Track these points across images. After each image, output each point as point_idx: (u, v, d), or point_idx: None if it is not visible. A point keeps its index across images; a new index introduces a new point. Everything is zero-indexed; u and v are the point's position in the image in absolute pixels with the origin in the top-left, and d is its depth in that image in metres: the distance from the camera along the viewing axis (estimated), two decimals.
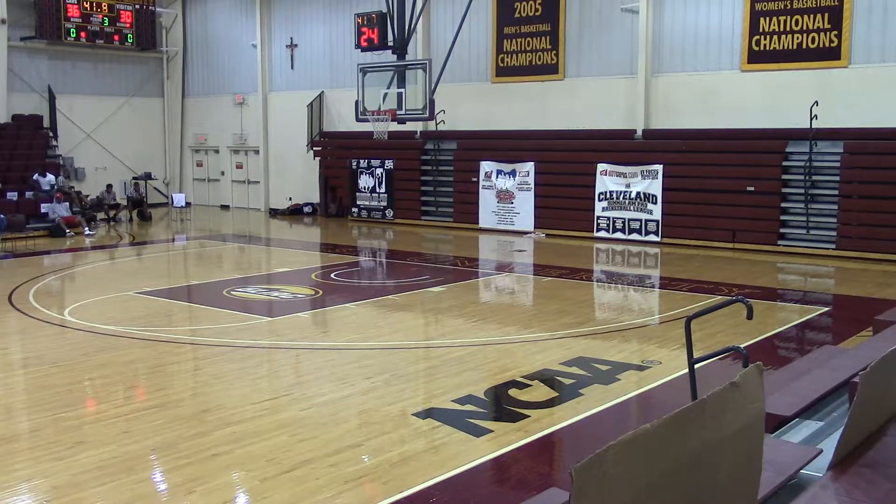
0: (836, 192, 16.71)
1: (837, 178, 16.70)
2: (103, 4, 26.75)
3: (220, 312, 11.73)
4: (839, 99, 16.66)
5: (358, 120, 19.76)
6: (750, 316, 5.93)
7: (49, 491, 5.64)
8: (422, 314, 11.93)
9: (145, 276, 15.57)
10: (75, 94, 26.95)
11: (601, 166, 19.51)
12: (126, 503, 5.45)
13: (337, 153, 25.04)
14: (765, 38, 17.72)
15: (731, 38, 18.22)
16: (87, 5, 26.33)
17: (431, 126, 21.96)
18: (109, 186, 25.16)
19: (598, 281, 15.21)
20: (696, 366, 5.90)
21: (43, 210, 21.29)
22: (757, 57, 17.86)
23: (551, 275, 14.90)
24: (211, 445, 6.42)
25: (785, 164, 17.39)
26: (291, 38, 26.47)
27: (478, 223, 21.64)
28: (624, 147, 19.54)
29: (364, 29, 19.56)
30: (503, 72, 21.67)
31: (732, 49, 18.23)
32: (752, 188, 17.56)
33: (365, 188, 23.91)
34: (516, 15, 21.26)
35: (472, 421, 7.02)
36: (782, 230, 17.45)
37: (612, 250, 18.57)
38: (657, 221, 18.83)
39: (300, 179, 26.59)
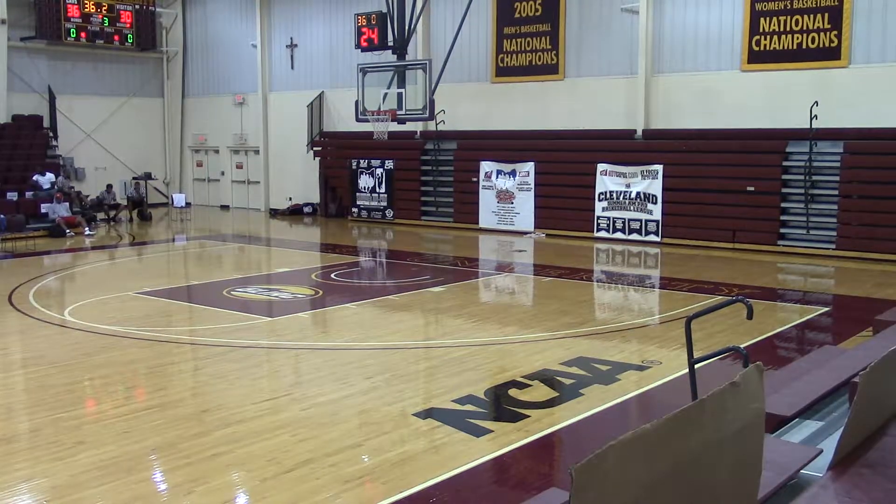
0: (836, 192, 16.71)
1: (837, 178, 16.70)
2: (103, 4, 26.75)
3: (220, 312, 11.72)
4: (839, 99, 16.66)
5: (358, 120, 19.76)
6: (750, 316, 5.93)
7: (49, 491, 5.64)
8: (422, 314, 11.93)
9: (145, 276, 15.57)
10: (75, 94, 26.95)
11: (601, 166, 19.51)
12: (126, 503, 5.45)
13: (337, 153, 25.03)
14: (765, 38, 17.72)
15: (731, 38, 18.22)
16: (87, 5, 26.33)
17: (431, 126, 21.96)
18: (109, 186, 25.16)
19: (598, 281, 15.21)
20: (696, 366, 5.90)
21: (43, 210, 21.29)
22: (757, 57, 17.86)
23: (551, 275, 14.90)
24: (211, 445, 6.42)
25: (785, 164, 17.39)
26: (291, 38, 26.47)
27: (478, 223, 21.63)
28: (624, 147, 19.53)
29: (364, 29, 19.56)
30: (503, 72, 21.67)
31: (732, 49, 18.23)
32: (752, 188, 17.56)
33: (365, 188, 23.91)
34: (516, 15, 21.26)
35: (472, 421, 7.02)
36: (782, 230, 17.45)
37: (612, 250, 18.57)
38: (657, 221, 18.83)
39: (300, 179, 26.59)
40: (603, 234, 19.58)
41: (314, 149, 25.56)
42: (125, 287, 13.55)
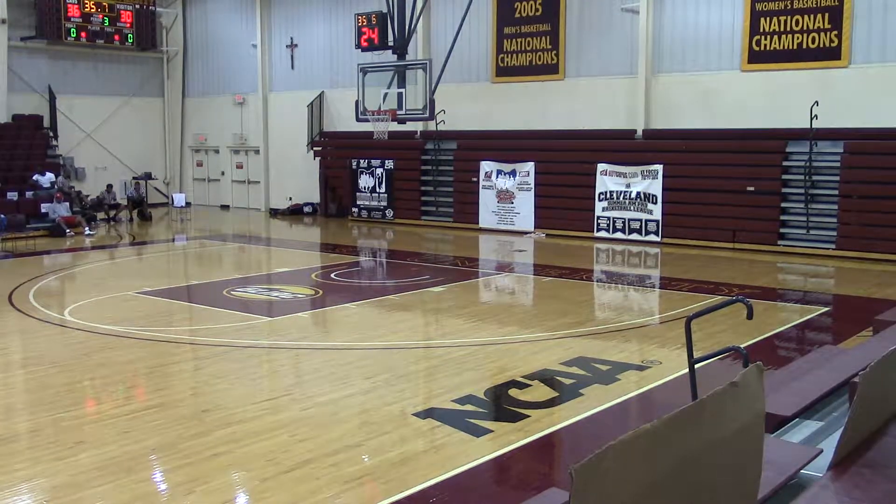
0: (836, 192, 16.71)
1: (837, 178, 16.70)
2: (103, 4, 26.75)
3: (220, 312, 11.73)
4: (839, 99, 16.65)
5: (358, 120, 19.76)
6: (750, 316, 5.93)
7: (49, 491, 5.64)
8: (422, 314, 11.93)
9: (145, 276, 15.57)
10: (75, 94, 26.94)
11: (601, 166, 19.51)
12: (126, 503, 5.45)
13: (337, 153, 25.04)
14: (765, 38, 17.72)
15: (731, 38, 18.22)
16: (88, 5, 26.33)
17: (431, 126, 21.95)
18: (109, 186, 25.16)
19: (598, 281, 15.21)
20: (696, 366, 5.90)
21: (43, 210, 21.30)
22: (757, 57, 17.85)
23: (551, 275, 14.90)
24: (211, 445, 6.42)
25: (785, 164, 17.39)
26: (291, 38, 26.47)
27: (478, 223, 21.63)
28: (624, 147, 19.53)
29: (364, 29, 19.57)
30: (503, 72, 21.67)
31: (732, 49, 18.23)
32: (752, 188, 17.56)
33: (365, 188, 23.91)
34: (516, 15, 21.26)
35: (472, 421, 7.02)
36: (782, 230, 17.45)
37: (612, 250, 18.57)
38: (657, 221, 18.83)
39: (300, 179, 26.58)
40: (603, 233, 19.58)
41: (314, 149, 25.56)
42: (125, 287, 13.55)
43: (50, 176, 22.82)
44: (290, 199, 27.01)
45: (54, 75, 26.44)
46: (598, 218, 19.67)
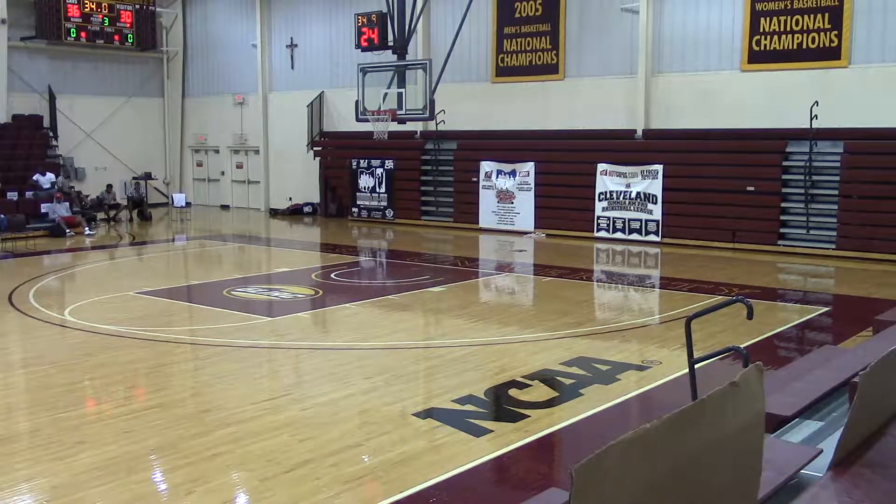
0: (836, 192, 16.71)
1: (837, 178, 16.70)
2: (103, 4, 26.75)
3: (220, 312, 11.72)
4: (839, 99, 16.65)
5: (358, 120, 19.77)
6: (750, 316, 5.93)
7: (49, 491, 5.64)
8: (422, 314, 11.93)
9: (145, 276, 15.56)
10: (75, 94, 26.94)
11: (601, 166, 19.51)
12: (126, 503, 5.45)
13: (337, 153, 25.04)
14: (765, 38, 17.72)
15: (731, 38, 18.22)
16: (88, 5, 26.33)
17: (431, 126, 21.96)
18: (109, 186, 25.16)
19: (598, 281, 15.21)
20: (696, 366, 5.90)
21: (43, 210, 21.29)
22: (757, 57, 17.85)
23: (551, 275, 14.90)
24: (211, 445, 6.42)
25: (785, 164, 17.39)
26: (291, 38, 26.47)
27: (478, 223, 21.63)
28: (624, 147, 19.53)
29: (364, 29, 19.59)
30: (503, 72, 21.66)
31: (732, 49, 18.23)
32: (752, 188, 17.56)
33: (365, 188, 23.91)
34: (516, 15, 21.26)
35: (472, 421, 7.02)
36: (782, 230, 17.45)
37: (612, 250, 18.57)
38: (657, 221, 18.83)
39: (300, 179, 26.59)
40: (603, 234, 19.58)
41: (314, 149, 25.56)
42: (125, 287, 13.55)
43: (50, 176, 22.82)
44: (290, 199, 27.01)
45: (54, 75, 26.43)
46: (598, 218, 19.67)
